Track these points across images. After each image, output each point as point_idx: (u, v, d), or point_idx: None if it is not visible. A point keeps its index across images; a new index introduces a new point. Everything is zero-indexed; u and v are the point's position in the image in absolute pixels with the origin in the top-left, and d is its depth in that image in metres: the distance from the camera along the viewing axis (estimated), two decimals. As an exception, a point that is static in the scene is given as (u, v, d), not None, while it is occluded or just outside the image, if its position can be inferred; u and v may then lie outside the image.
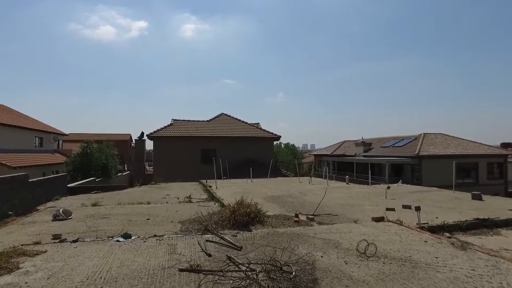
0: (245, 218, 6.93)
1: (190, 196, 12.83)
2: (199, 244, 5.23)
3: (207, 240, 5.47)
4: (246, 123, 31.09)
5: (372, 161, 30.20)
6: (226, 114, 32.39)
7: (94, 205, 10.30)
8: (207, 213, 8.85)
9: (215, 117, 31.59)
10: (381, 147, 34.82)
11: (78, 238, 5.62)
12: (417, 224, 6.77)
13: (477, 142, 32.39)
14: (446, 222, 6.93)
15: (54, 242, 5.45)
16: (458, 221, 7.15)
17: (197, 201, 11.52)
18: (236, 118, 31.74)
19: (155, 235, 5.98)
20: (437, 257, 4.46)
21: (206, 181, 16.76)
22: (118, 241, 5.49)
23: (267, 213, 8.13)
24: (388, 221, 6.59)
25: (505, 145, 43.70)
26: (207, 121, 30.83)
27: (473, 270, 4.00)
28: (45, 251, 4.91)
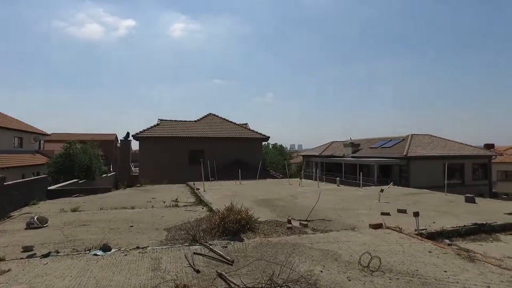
0: (235, 225, 6.50)
1: (177, 199, 12.32)
2: (186, 257, 4.77)
3: (195, 253, 5.01)
4: (234, 123, 30.63)
5: (361, 162, 30.14)
6: (214, 114, 31.84)
7: (74, 210, 9.68)
8: (194, 219, 8.41)
9: (203, 117, 31.00)
10: (370, 148, 34.84)
11: (50, 252, 5.06)
12: (415, 230, 6.49)
13: (462, 143, 32.74)
14: (444, 228, 6.67)
15: (21, 258, 4.86)
16: (456, 227, 6.90)
17: (184, 205, 11.03)
18: (224, 119, 31.24)
19: (137, 247, 5.48)
20: (446, 271, 4.12)
21: (194, 184, 16.24)
22: (96, 255, 4.97)
23: (259, 219, 7.73)
24: (387, 227, 6.26)
25: (488, 146, 44.39)
26: (195, 121, 30.23)
27: (488, 287, 3.67)
28: (8, 270, 4.31)
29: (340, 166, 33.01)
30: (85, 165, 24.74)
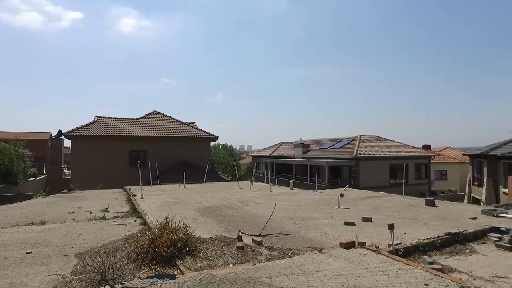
0: (169, 249, 4.96)
1: (107, 208, 10.39)
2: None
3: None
4: (181, 122, 28.59)
5: (312, 162, 29.78)
6: (159, 112, 29.48)
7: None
8: (122, 237, 6.68)
9: (146, 115, 28.52)
10: (319, 148, 34.77)
11: None
12: (389, 245, 5.48)
13: (406, 144, 33.97)
14: (420, 241, 5.76)
15: None
16: (430, 238, 6.05)
17: (115, 217, 9.15)
18: (169, 117, 29.04)
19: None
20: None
21: (130, 189, 14.18)
22: None
23: (202, 236, 6.25)
24: (361, 246, 5.13)
25: (425, 147, 47.04)
26: (137, 119, 27.66)
27: None
28: None
29: (290, 167, 32.43)
30: (4, 168, 21.18)
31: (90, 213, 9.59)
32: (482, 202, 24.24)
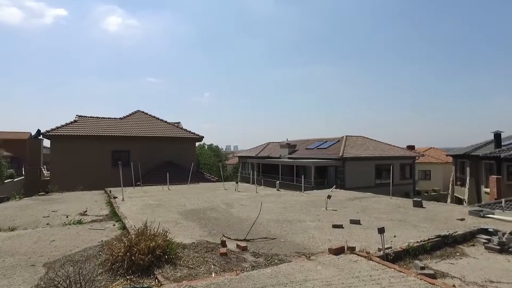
0: (147, 257, 4.60)
1: (85, 211, 9.90)
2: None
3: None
4: (166, 122, 27.98)
5: (298, 163, 29.66)
6: (143, 112, 28.79)
7: None
8: (98, 243, 6.27)
9: (130, 115, 27.81)
10: (306, 149, 34.72)
11: None
12: (379, 249, 5.26)
13: (391, 145, 34.26)
14: (410, 245, 5.57)
15: None
16: (420, 241, 5.88)
17: (93, 221, 8.70)
18: (153, 116, 28.41)
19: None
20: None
21: (110, 191, 13.66)
22: None
23: (183, 241, 5.91)
24: (351, 251, 4.88)
25: (410, 148, 47.67)
26: (120, 118, 26.93)
27: None
28: None
29: (277, 168, 32.24)
30: (-23, 169, 20.27)
31: (67, 217, 9.09)
32: (465, 201, 24.59)
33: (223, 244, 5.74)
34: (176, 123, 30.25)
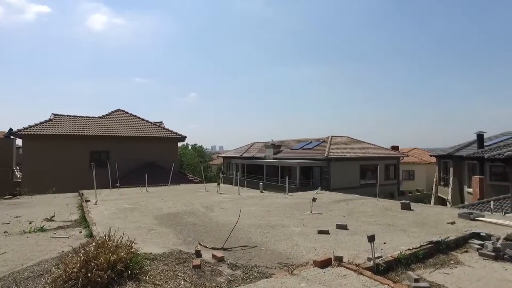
0: (106, 273, 3.98)
1: (53, 217, 9.12)
2: None
3: None
4: (147, 121, 27.10)
5: (283, 163, 29.25)
6: (123, 111, 27.81)
7: None
8: (57, 255, 5.58)
9: (109, 113, 26.78)
10: (291, 149, 34.35)
11: None
12: (369, 259, 4.79)
13: (376, 145, 34.26)
14: (402, 254, 5.11)
15: None
16: (412, 249, 5.43)
17: (58, 227, 7.95)
18: (134, 115, 27.48)
19: None
20: None
21: (82, 194, 12.84)
22: None
23: (153, 252, 5.30)
24: (338, 262, 4.37)
25: (394, 148, 48.02)
26: (99, 117, 25.89)
27: None
28: None
29: (261, 168, 31.75)
30: None
31: (30, 223, 8.30)
32: (448, 201, 24.68)
33: (198, 254, 5.15)
34: (158, 122, 29.39)
